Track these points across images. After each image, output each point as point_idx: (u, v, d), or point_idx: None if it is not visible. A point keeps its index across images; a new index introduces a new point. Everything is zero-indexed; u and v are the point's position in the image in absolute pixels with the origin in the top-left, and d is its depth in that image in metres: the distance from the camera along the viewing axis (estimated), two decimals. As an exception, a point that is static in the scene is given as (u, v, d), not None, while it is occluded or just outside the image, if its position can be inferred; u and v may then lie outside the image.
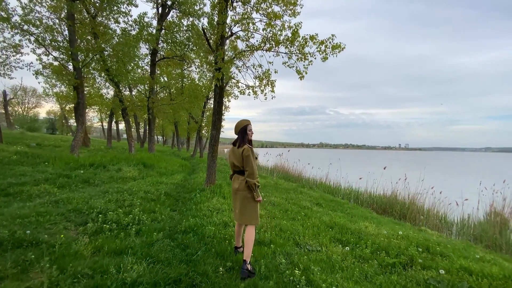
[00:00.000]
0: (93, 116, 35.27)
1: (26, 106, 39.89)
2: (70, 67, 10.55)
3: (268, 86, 6.13)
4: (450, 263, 3.44)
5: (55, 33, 9.74)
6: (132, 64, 12.39)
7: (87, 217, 3.99)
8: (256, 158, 3.16)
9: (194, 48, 12.44)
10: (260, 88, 6.25)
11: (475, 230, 7.91)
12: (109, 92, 17.87)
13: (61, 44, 9.59)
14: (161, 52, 14.77)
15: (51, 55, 9.66)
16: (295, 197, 7.82)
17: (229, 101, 17.15)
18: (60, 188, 5.72)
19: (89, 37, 10.97)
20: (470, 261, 3.61)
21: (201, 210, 4.79)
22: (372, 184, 11.11)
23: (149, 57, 13.89)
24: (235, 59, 5.99)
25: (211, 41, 6.00)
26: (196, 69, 15.29)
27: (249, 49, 5.80)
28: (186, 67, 17.00)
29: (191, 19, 12.90)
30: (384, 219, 7.13)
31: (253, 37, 5.65)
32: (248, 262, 2.78)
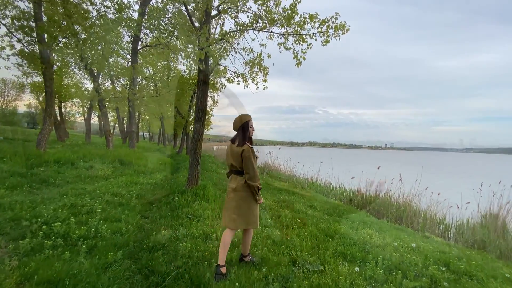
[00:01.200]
0: (76, 111, 33.51)
1: (6, 99, 37.60)
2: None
3: (260, 73, 5.35)
4: (482, 287, 2.80)
5: (18, 11, 8.53)
6: (111, 51, 11.29)
7: (27, 229, 3.12)
8: (257, 157, 2.76)
9: (180, 36, 11.42)
10: (251, 76, 5.47)
11: (475, 235, 7.46)
12: (85, 82, 16.59)
13: (24, 24, 8.42)
14: (143, 40, 13.67)
15: (14, 36, 8.49)
16: (288, 199, 7.13)
17: (217, 93, 16.16)
18: (9, 190, 4.73)
19: (64, 23, 9.81)
20: (502, 282, 2.99)
21: (178, 218, 3.99)
22: (365, 184, 10.59)
23: (130, 44, 12.78)
24: (222, 40, 5.16)
25: (194, 18, 5.15)
26: (182, 59, 14.24)
27: (238, 26, 4.98)
28: (171, 59, 15.92)
29: (177, 5, 11.90)
30: (384, 224, 6.54)
31: (243, 12, 4.82)
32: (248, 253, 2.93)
